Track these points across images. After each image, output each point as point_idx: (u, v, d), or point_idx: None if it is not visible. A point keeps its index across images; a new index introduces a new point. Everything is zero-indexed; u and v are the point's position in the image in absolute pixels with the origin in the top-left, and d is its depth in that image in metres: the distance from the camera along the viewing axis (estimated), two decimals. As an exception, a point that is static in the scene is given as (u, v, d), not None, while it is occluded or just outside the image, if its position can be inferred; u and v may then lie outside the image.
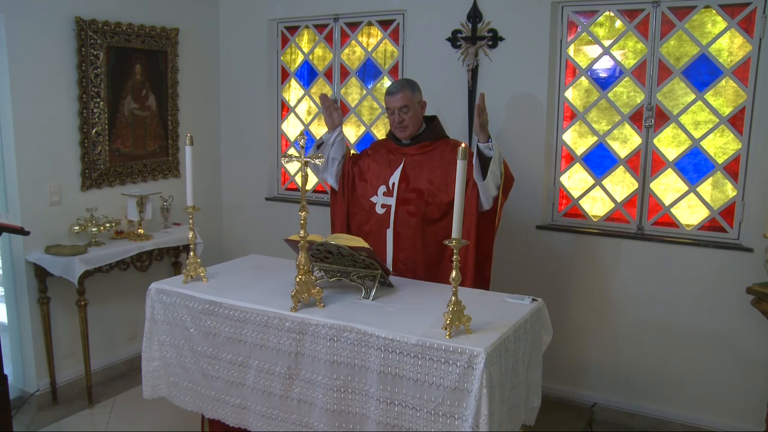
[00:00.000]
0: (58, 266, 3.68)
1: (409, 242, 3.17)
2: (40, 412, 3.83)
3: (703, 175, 3.59)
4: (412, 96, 3.14)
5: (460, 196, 2.20)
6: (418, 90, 3.19)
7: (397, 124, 3.18)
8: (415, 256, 3.17)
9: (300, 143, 2.47)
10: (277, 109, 4.90)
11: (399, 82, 3.25)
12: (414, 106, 3.16)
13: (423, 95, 3.23)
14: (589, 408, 3.84)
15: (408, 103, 3.13)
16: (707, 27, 3.50)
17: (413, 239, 3.17)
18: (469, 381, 2.11)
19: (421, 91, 3.22)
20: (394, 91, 3.16)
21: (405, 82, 3.20)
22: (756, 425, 3.40)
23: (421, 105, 3.23)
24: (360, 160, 3.40)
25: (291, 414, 2.50)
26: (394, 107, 3.15)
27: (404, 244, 3.19)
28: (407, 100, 3.13)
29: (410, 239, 3.17)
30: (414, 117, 3.17)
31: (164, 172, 4.61)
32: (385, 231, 3.22)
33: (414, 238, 3.16)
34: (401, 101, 3.13)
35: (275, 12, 4.70)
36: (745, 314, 3.35)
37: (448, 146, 3.20)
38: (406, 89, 3.14)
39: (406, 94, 3.13)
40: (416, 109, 3.18)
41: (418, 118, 3.21)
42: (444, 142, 3.25)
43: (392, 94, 3.16)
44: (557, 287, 3.90)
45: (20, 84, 3.66)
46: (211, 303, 2.64)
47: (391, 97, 3.16)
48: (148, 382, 2.87)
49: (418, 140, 3.24)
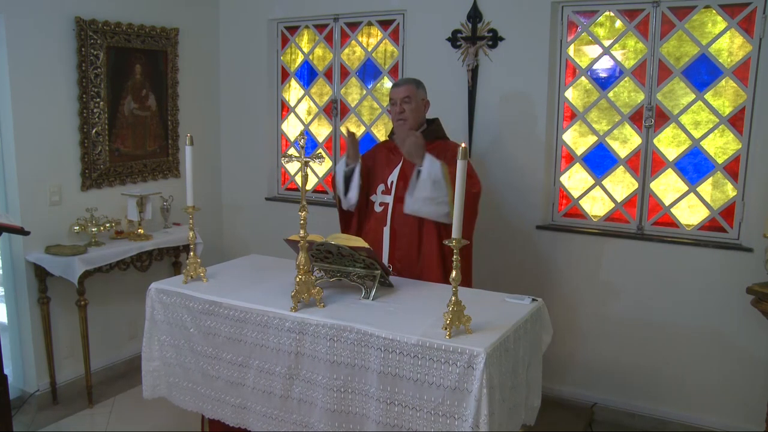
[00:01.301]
0: (58, 266, 3.68)
1: (406, 240, 3.18)
2: (40, 412, 3.82)
3: (703, 175, 3.59)
4: (416, 90, 3.21)
5: (460, 196, 2.20)
6: (422, 88, 3.26)
7: (397, 114, 3.22)
8: (411, 255, 3.17)
9: (300, 143, 2.47)
10: (277, 109, 4.90)
11: (406, 77, 3.37)
12: (416, 100, 3.21)
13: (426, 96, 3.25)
14: (589, 408, 3.84)
15: (410, 94, 3.19)
16: (707, 27, 3.50)
17: (410, 237, 3.17)
18: (469, 381, 2.11)
19: (426, 92, 3.27)
20: (399, 84, 3.27)
21: (411, 79, 3.30)
22: (756, 425, 3.40)
23: (424, 103, 3.27)
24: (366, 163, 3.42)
25: (291, 414, 2.50)
26: (396, 98, 3.21)
27: (401, 243, 3.19)
28: (410, 92, 3.20)
29: (407, 237, 3.17)
30: (415, 111, 3.20)
31: (164, 172, 4.61)
32: (382, 229, 3.23)
33: (411, 237, 3.17)
34: (404, 92, 3.20)
35: (275, 12, 4.70)
36: (745, 314, 3.35)
37: (446, 147, 3.21)
38: (411, 83, 3.24)
39: (410, 87, 3.21)
40: (418, 104, 3.22)
41: (419, 114, 3.23)
42: (443, 143, 3.26)
43: (397, 86, 3.25)
44: (557, 287, 3.90)
45: (20, 84, 3.66)
46: (211, 303, 2.64)
47: (395, 89, 3.24)
48: (148, 382, 2.87)
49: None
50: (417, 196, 3.03)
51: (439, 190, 2.99)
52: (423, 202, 3.03)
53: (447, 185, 2.99)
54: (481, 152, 4.00)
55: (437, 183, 2.99)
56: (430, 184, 3.00)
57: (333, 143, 4.70)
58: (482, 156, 4.00)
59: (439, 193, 2.99)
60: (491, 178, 3.99)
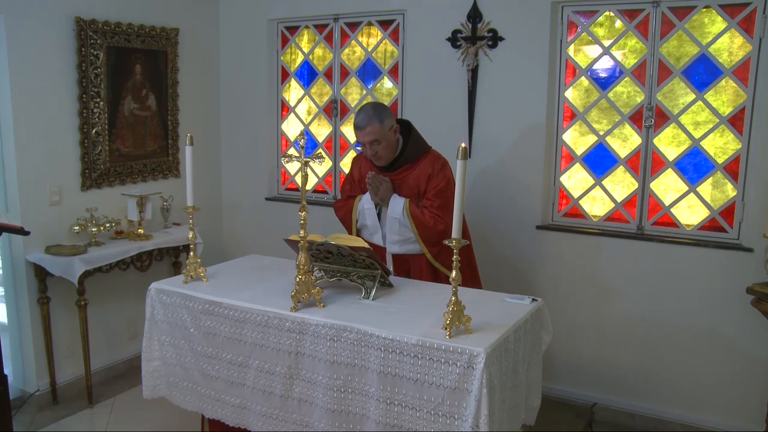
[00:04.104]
0: (58, 266, 3.68)
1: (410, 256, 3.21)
2: (40, 412, 3.82)
3: (703, 175, 3.58)
4: (380, 127, 3.00)
5: (460, 196, 2.20)
6: (387, 116, 3.05)
7: (371, 156, 3.10)
8: (417, 267, 3.20)
9: (300, 143, 2.47)
10: (277, 109, 4.90)
11: (365, 112, 3.03)
12: (385, 136, 3.03)
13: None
14: (589, 408, 3.83)
15: (378, 136, 3.01)
16: (707, 27, 3.50)
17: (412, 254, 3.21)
18: (469, 381, 2.11)
19: (391, 115, 3.11)
20: (362, 126, 3.01)
21: (372, 113, 3.02)
22: (756, 425, 3.40)
23: (393, 130, 3.09)
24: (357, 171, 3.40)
25: (291, 414, 2.50)
26: (364, 141, 3.04)
27: (405, 257, 3.22)
28: (376, 133, 3.00)
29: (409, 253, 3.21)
30: (387, 146, 3.07)
31: (164, 172, 4.60)
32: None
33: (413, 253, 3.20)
34: (370, 135, 3.00)
35: (275, 12, 4.70)
36: (745, 314, 3.35)
37: (431, 165, 3.12)
38: (374, 121, 2.99)
39: (374, 128, 2.99)
40: (388, 138, 3.05)
41: (391, 146, 3.10)
42: (424, 159, 3.15)
43: (360, 129, 3.02)
44: (557, 287, 3.90)
45: (20, 84, 3.66)
46: (211, 303, 2.64)
47: (359, 132, 3.03)
48: (148, 382, 2.87)
49: (397, 165, 3.16)
50: (390, 240, 3.16)
51: (405, 231, 3.11)
52: (396, 246, 3.16)
53: (411, 224, 3.08)
54: (480, 152, 4.00)
55: (402, 225, 3.10)
56: (397, 226, 3.12)
57: (333, 143, 4.70)
58: (482, 156, 4.00)
59: (406, 234, 3.11)
60: (491, 178, 3.99)
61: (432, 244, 3.10)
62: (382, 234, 3.20)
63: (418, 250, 3.13)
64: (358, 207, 3.26)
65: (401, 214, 3.08)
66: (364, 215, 3.24)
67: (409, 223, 3.07)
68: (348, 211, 3.29)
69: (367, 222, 3.24)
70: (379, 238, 3.21)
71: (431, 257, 3.13)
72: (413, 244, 3.12)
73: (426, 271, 3.16)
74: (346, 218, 3.32)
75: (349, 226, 3.31)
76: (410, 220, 3.06)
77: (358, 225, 3.29)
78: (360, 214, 3.26)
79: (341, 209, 3.36)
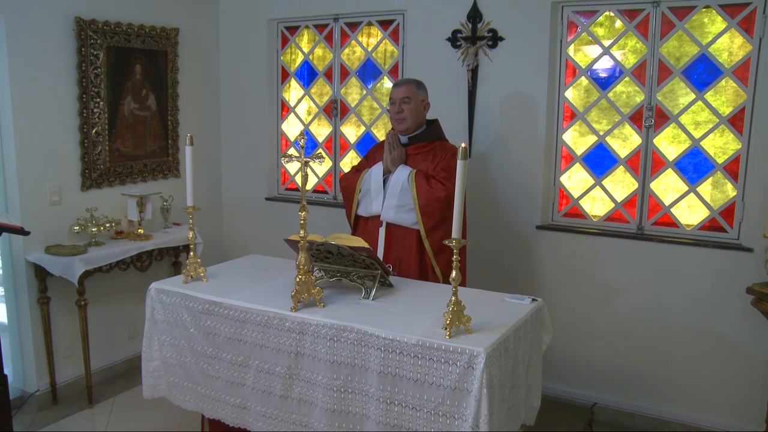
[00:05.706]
0: (58, 266, 3.68)
1: (400, 242, 3.20)
2: (40, 412, 3.82)
3: (703, 175, 3.58)
4: (415, 91, 3.23)
5: (460, 195, 2.20)
6: (423, 89, 3.28)
7: (396, 114, 3.24)
8: (406, 255, 3.18)
9: (300, 143, 2.47)
10: (277, 109, 4.90)
11: (407, 78, 3.39)
12: (416, 100, 3.22)
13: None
14: (589, 408, 3.83)
15: (410, 95, 3.21)
16: (707, 27, 3.50)
17: (403, 239, 3.19)
18: (469, 381, 2.11)
19: (428, 93, 3.30)
20: (399, 83, 3.29)
21: (412, 79, 3.32)
22: (756, 425, 3.40)
23: (424, 104, 3.29)
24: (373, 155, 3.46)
25: (291, 414, 2.50)
26: (396, 98, 3.23)
27: (396, 244, 3.21)
28: (410, 92, 3.21)
29: (401, 239, 3.20)
30: (414, 111, 3.22)
31: (164, 172, 4.61)
32: (377, 229, 3.24)
33: (404, 238, 3.18)
34: (404, 92, 3.21)
35: (275, 12, 4.70)
36: (745, 314, 3.35)
37: (444, 148, 3.25)
38: (412, 84, 3.25)
39: (410, 88, 3.23)
40: (417, 105, 3.24)
41: (418, 114, 3.24)
42: (441, 144, 3.29)
43: (397, 86, 3.27)
44: (557, 287, 3.90)
45: (20, 84, 3.66)
46: (211, 303, 2.64)
47: (396, 89, 3.26)
48: (148, 382, 2.87)
49: (415, 140, 3.28)
50: (386, 205, 3.18)
51: (405, 197, 3.12)
52: (392, 211, 3.17)
53: (413, 189, 3.11)
54: (481, 152, 4.00)
55: (404, 190, 3.13)
56: (397, 191, 3.14)
57: (333, 143, 4.70)
58: (482, 156, 4.00)
59: (405, 200, 3.12)
60: (491, 178, 3.99)
61: (428, 214, 3.11)
62: (383, 201, 3.21)
63: (412, 221, 3.14)
64: (367, 174, 3.32)
65: (406, 179, 3.15)
66: (370, 181, 3.28)
67: (410, 188, 3.12)
68: (355, 180, 3.35)
69: (372, 186, 3.27)
70: (378, 204, 3.23)
71: (423, 233, 3.12)
72: (409, 213, 3.14)
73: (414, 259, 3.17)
74: (350, 187, 3.36)
75: (351, 194, 3.35)
76: (413, 185, 3.12)
77: (360, 193, 3.31)
78: (366, 180, 3.30)
79: (348, 179, 3.42)
